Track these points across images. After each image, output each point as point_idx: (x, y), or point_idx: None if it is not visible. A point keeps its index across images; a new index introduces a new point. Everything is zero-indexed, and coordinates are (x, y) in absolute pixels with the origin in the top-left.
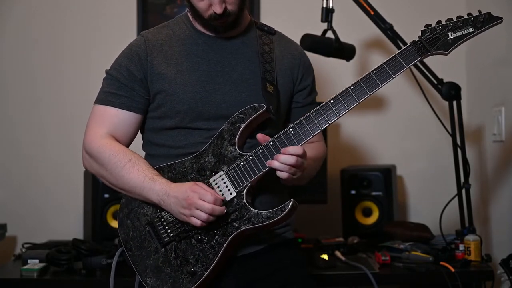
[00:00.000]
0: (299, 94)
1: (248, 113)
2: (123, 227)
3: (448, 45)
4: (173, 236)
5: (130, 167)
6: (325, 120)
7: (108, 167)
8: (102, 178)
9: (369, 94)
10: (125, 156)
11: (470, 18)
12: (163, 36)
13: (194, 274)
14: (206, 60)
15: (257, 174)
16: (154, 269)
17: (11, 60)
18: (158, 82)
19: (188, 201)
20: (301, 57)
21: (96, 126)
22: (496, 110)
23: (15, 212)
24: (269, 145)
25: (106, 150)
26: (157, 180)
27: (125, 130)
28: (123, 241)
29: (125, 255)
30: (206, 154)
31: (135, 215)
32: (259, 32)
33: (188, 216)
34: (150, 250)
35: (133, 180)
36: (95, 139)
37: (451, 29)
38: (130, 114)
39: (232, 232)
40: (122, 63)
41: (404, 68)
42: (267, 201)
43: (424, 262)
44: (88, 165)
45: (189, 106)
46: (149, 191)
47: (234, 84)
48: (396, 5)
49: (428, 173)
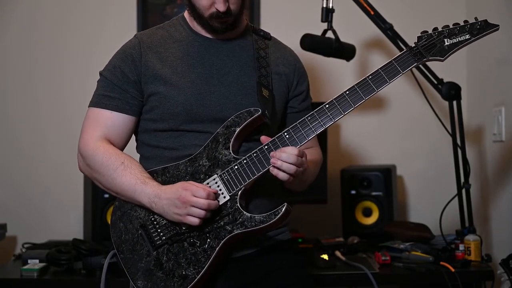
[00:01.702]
0: (295, 99)
1: (243, 117)
2: (116, 229)
3: (444, 52)
4: (165, 239)
5: (122, 170)
6: (320, 125)
7: (101, 170)
8: (95, 181)
9: (364, 99)
10: (118, 159)
11: (467, 25)
12: (158, 37)
13: (186, 277)
14: (201, 62)
15: (251, 178)
16: (145, 272)
17: (11, 60)
18: (152, 83)
19: (181, 199)
20: (296, 63)
21: (91, 129)
22: (496, 110)
23: (15, 212)
24: (263, 149)
25: (99, 153)
26: (149, 183)
27: (119, 133)
28: (115, 244)
29: (117, 258)
30: (201, 157)
31: (127, 217)
32: (255, 37)
33: (184, 215)
34: (142, 253)
35: (125, 183)
36: (89, 142)
37: (448, 36)
38: (124, 116)
39: (225, 235)
40: (116, 65)
41: (400, 73)
42: (262, 205)
43: (424, 262)
44: (83, 167)
45: (183, 108)
46: (141, 194)
47: (229, 87)
48: (396, 5)
49: (428, 173)
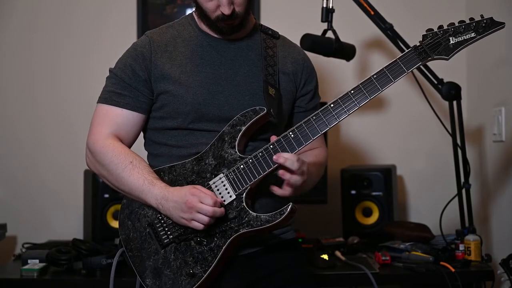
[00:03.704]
0: (302, 99)
1: (249, 116)
2: (124, 228)
3: (449, 50)
4: (172, 237)
5: (131, 170)
6: (325, 124)
7: (109, 168)
8: (103, 178)
9: (369, 99)
10: (127, 158)
11: (472, 23)
12: (168, 36)
13: (194, 276)
14: (210, 62)
15: (256, 177)
16: (153, 270)
17: (11, 59)
18: (161, 82)
19: (188, 204)
20: (304, 62)
21: (100, 125)
22: (496, 110)
23: (15, 212)
24: (269, 148)
25: (108, 151)
26: (156, 184)
27: (129, 130)
28: (123, 242)
29: (125, 256)
30: (207, 156)
31: (135, 216)
32: (263, 36)
33: (189, 220)
34: (150, 251)
35: (132, 182)
36: (99, 139)
37: (453, 34)
38: (134, 114)
39: (231, 234)
40: (127, 63)
41: (405, 73)
42: (267, 204)
43: (424, 262)
44: (91, 164)
45: (192, 107)
46: (148, 194)
47: (237, 87)
48: (396, 5)
49: (428, 173)
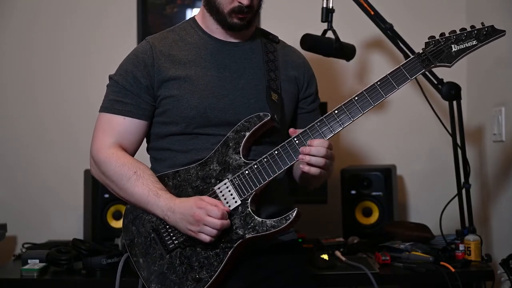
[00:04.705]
0: (304, 101)
1: (253, 122)
2: (128, 233)
3: (452, 58)
4: (178, 243)
5: (135, 180)
6: (330, 130)
7: (114, 179)
8: (109, 188)
9: (373, 105)
10: (131, 169)
11: (474, 30)
12: (169, 41)
13: (200, 281)
14: (215, 65)
15: (262, 183)
16: (159, 275)
17: (11, 59)
18: (165, 87)
19: (195, 217)
20: (305, 66)
21: (103, 134)
22: (496, 110)
23: (16, 212)
24: (273, 153)
25: (112, 162)
26: (162, 195)
27: (132, 138)
28: (128, 247)
29: (130, 261)
30: (211, 162)
31: (140, 221)
32: (264, 40)
33: (196, 232)
34: (155, 257)
35: (137, 194)
36: (101, 149)
37: (455, 42)
38: (137, 121)
39: (237, 240)
40: (128, 69)
41: (408, 80)
42: (272, 209)
43: (424, 262)
44: (96, 174)
45: (197, 111)
46: (153, 206)
47: (242, 91)
48: (396, 5)
49: (428, 173)
